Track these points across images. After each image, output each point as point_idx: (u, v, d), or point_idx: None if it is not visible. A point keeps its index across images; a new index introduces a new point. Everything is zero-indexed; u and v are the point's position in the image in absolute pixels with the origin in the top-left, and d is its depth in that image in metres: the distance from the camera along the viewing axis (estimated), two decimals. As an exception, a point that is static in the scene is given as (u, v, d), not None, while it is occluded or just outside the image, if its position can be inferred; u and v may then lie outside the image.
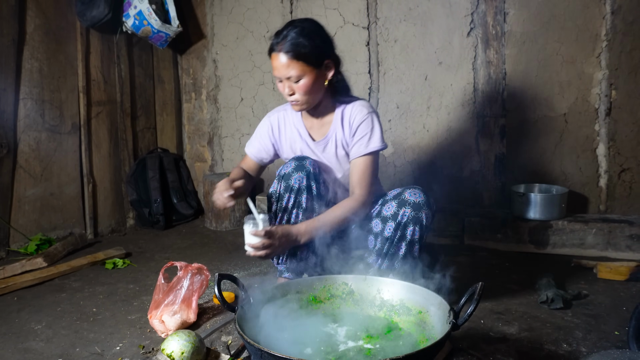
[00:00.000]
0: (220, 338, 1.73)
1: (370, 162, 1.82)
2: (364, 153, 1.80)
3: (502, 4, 2.75)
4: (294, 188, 1.80)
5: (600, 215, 2.64)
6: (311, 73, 1.73)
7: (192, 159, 3.76)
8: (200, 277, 1.85)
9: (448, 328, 1.21)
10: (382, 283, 1.55)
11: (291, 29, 1.72)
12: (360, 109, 1.83)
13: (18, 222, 2.77)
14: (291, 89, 1.74)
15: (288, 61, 1.69)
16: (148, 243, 2.99)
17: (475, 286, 1.25)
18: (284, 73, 1.71)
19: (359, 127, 1.82)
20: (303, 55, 1.70)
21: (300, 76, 1.71)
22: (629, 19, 2.53)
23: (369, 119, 1.82)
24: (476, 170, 2.92)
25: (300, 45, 1.69)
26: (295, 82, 1.73)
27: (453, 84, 2.90)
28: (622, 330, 1.73)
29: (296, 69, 1.70)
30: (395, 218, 1.76)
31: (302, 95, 1.74)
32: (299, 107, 1.80)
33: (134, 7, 3.00)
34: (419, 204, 1.74)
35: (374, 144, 1.81)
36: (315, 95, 1.78)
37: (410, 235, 1.75)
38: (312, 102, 1.79)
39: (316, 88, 1.76)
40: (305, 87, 1.73)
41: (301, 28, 1.72)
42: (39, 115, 2.83)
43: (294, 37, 1.70)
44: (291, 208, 1.82)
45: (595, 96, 2.65)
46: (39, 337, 1.80)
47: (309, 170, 1.81)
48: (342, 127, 1.86)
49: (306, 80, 1.72)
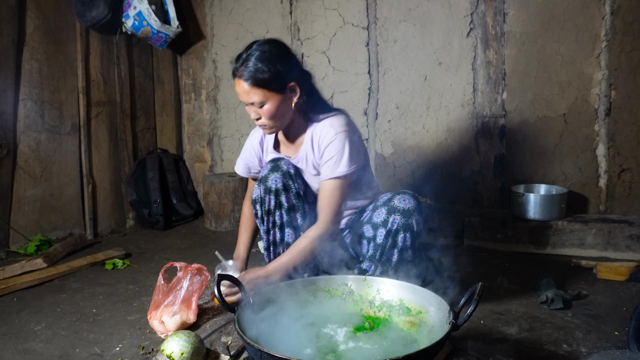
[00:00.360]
0: (220, 339, 1.73)
1: (337, 185, 1.74)
2: (330, 177, 1.74)
3: (501, 5, 2.76)
4: (272, 189, 1.80)
5: (600, 216, 2.65)
6: (274, 98, 1.68)
7: (192, 159, 3.76)
8: (200, 278, 1.85)
9: (448, 328, 1.21)
10: (381, 283, 1.55)
11: (251, 53, 1.67)
12: (329, 129, 1.74)
13: (18, 222, 2.77)
14: (257, 113, 1.70)
15: (249, 88, 1.65)
16: (148, 244, 2.99)
17: (475, 286, 1.25)
18: (246, 99, 1.68)
19: (326, 149, 1.74)
20: (263, 82, 1.65)
21: (262, 102, 1.67)
22: (628, 20, 2.53)
23: (337, 140, 1.72)
24: (476, 171, 2.92)
25: (260, 72, 1.64)
26: (259, 107, 1.69)
27: (453, 84, 2.90)
28: (622, 330, 1.73)
29: (258, 95, 1.66)
30: (385, 225, 1.75)
31: (268, 119, 1.71)
32: (268, 131, 1.77)
33: (134, 8, 3.00)
34: (408, 211, 1.72)
35: (341, 169, 1.72)
36: (282, 118, 1.73)
37: (402, 242, 1.74)
38: (280, 125, 1.75)
39: (281, 112, 1.71)
40: (269, 112, 1.69)
41: (261, 52, 1.66)
42: (38, 116, 2.83)
43: (254, 63, 1.65)
44: (274, 209, 1.84)
45: (595, 96, 2.65)
46: (39, 337, 1.80)
47: (284, 169, 1.81)
48: (312, 148, 1.81)
49: (269, 106, 1.68)
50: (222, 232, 3.23)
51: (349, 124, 1.78)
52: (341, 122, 1.76)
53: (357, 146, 1.77)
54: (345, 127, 1.75)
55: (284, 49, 1.74)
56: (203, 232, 3.25)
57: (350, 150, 1.73)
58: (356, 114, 3.13)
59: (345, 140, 1.73)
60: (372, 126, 3.11)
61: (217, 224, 3.28)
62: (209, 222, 3.32)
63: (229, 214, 3.25)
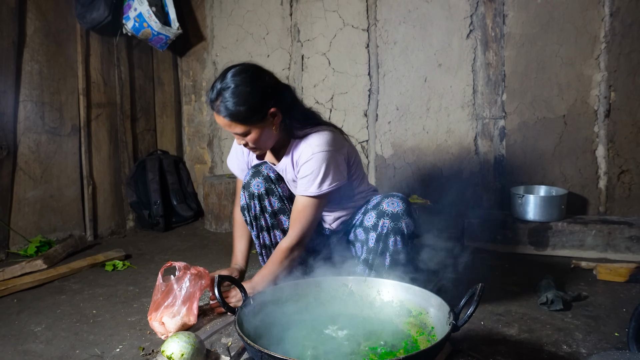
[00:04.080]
0: (220, 340, 1.73)
1: (309, 203, 1.73)
2: (303, 194, 1.74)
3: (501, 6, 2.76)
4: (255, 194, 1.83)
5: (599, 217, 2.65)
6: (255, 128, 1.67)
7: (192, 160, 3.76)
8: (200, 279, 1.85)
9: (448, 329, 1.21)
10: (382, 284, 1.56)
11: (225, 86, 1.63)
12: (307, 149, 1.71)
13: (18, 224, 2.77)
14: (242, 139, 1.70)
15: (229, 122, 1.64)
16: (148, 245, 2.99)
17: (475, 287, 1.26)
18: (229, 130, 1.68)
19: (302, 166, 1.73)
20: (241, 118, 1.64)
21: (245, 132, 1.67)
22: (627, 21, 2.54)
23: (313, 161, 1.69)
24: (476, 172, 2.92)
25: (236, 109, 1.62)
26: (244, 136, 1.69)
27: (452, 85, 2.90)
28: (622, 331, 1.73)
29: (239, 128, 1.66)
30: (375, 229, 1.76)
31: (254, 145, 1.72)
32: (257, 154, 1.81)
33: (134, 10, 3.01)
34: (397, 214, 1.72)
35: (313, 189, 1.70)
36: (267, 142, 1.74)
37: (393, 246, 1.75)
38: (268, 146, 1.78)
39: (265, 138, 1.71)
40: (254, 140, 1.69)
41: (235, 86, 1.62)
42: (38, 118, 2.83)
43: (230, 99, 1.62)
44: (259, 214, 1.87)
45: (595, 98, 2.65)
46: (39, 339, 1.80)
47: (264, 174, 1.83)
48: (292, 163, 1.80)
49: (253, 135, 1.68)
50: (222, 233, 3.23)
51: (330, 142, 1.71)
52: (322, 140, 1.70)
53: (336, 165, 1.72)
54: (325, 146, 1.69)
55: (258, 75, 1.68)
56: (203, 233, 3.25)
57: (326, 171, 1.69)
58: (356, 116, 3.13)
59: (323, 162, 1.68)
60: (372, 127, 3.11)
61: (217, 225, 3.28)
62: (209, 224, 3.32)
63: (229, 216, 3.25)
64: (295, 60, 3.27)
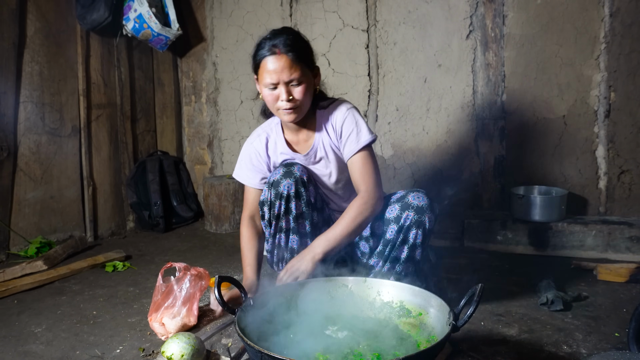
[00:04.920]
0: (220, 340, 1.73)
1: (366, 156, 1.78)
2: (357, 150, 1.76)
3: (501, 7, 2.76)
4: (284, 195, 1.77)
5: (599, 217, 2.65)
6: (308, 77, 1.70)
7: (192, 161, 3.76)
8: (200, 280, 1.85)
9: (448, 330, 1.21)
10: (381, 285, 1.55)
11: (283, 33, 1.70)
12: (339, 108, 1.81)
13: (18, 225, 2.77)
14: (290, 93, 1.68)
15: (291, 62, 1.64)
16: (148, 246, 2.99)
17: (475, 288, 1.25)
18: (286, 75, 1.65)
19: (342, 126, 1.78)
20: (304, 57, 1.68)
21: (300, 79, 1.66)
22: (627, 22, 2.54)
23: (350, 116, 1.79)
24: (476, 172, 2.92)
25: (300, 46, 1.68)
26: (296, 85, 1.67)
27: (452, 86, 2.90)
28: (622, 331, 1.73)
29: (298, 71, 1.66)
30: (397, 221, 1.74)
31: (302, 99, 1.69)
32: (295, 115, 1.73)
33: (134, 11, 3.01)
34: (422, 208, 1.72)
35: (364, 138, 1.76)
36: (309, 101, 1.74)
37: (413, 239, 1.73)
38: (306, 109, 1.75)
39: (310, 93, 1.73)
40: (304, 91, 1.68)
41: (294, 32, 1.72)
42: (39, 118, 2.83)
43: (292, 40, 1.67)
44: (283, 215, 1.82)
45: (594, 98, 2.65)
46: (39, 340, 1.80)
47: (297, 176, 1.78)
48: (327, 132, 1.82)
49: (305, 85, 1.68)
50: (222, 234, 3.23)
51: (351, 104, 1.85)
52: (345, 103, 1.84)
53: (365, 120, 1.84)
54: (350, 105, 1.83)
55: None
56: (203, 234, 3.25)
57: (363, 122, 1.80)
58: (356, 116, 3.13)
59: (358, 115, 1.80)
60: (372, 128, 3.11)
61: (217, 226, 3.28)
62: (209, 225, 3.32)
63: (229, 216, 3.25)
64: (295, 61, 3.27)
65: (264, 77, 1.69)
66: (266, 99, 1.74)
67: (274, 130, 1.90)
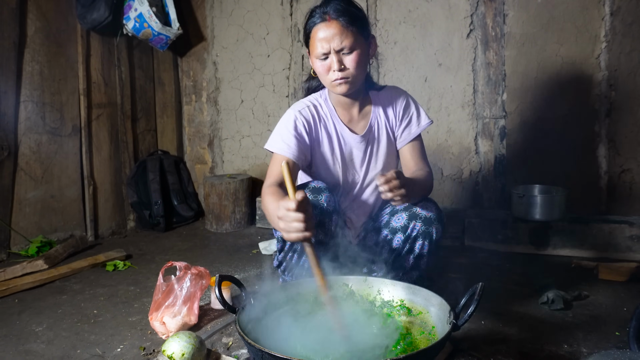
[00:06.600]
0: (221, 339, 1.74)
1: (421, 140, 1.82)
2: (417, 133, 1.78)
3: (501, 6, 2.76)
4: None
5: (600, 216, 2.64)
6: (362, 45, 1.58)
7: (193, 161, 3.76)
8: (201, 279, 1.85)
9: (448, 328, 1.21)
10: (382, 284, 1.55)
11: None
12: (397, 90, 1.81)
13: (19, 224, 2.77)
14: (342, 62, 1.56)
15: (343, 28, 1.53)
16: (148, 245, 3.00)
17: (476, 287, 1.25)
18: (337, 42, 1.53)
19: (403, 108, 1.78)
20: (357, 22, 1.56)
21: (353, 46, 1.55)
22: (627, 21, 2.54)
23: (411, 99, 1.81)
24: (476, 172, 2.92)
25: (353, 9, 1.57)
26: (348, 54, 1.56)
27: (453, 85, 2.90)
28: (622, 330, 1.73)
29: (350, 38, 1.54)
30: (405, 230, 1.70)
31: (355, 68, 1.57)
32: (348, 87, 1.60)
33: (135, 10, 3.01)
34: (430, 219, 1.67)
35: (424, 121, 1.80)
36: (363, 73, 1.62)
37: (419, 249, 1.71)
38: (360, 81, 1.63)
39: (364, 64, 1.61)
40: (358, 60, 1.56)
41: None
42: (39, 118, 2.84)
43: (345, 4, 1.56)
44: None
45: (595, 97, 2.65)
46: (40, 339, 1.80)
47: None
48: (385, 113, 1.77)
49: (359, 52, 1.56)
50: (222, 233, 3.24)
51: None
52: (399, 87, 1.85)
53: None
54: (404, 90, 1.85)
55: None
56: (204, 233, 3.25)
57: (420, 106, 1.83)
58: (356, 115, 3.13)
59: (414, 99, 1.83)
60: (373, 127, 3.11)
61: (217, 225, 3.28)
62: (210, 224, 3.32)
63: (230, 216, 3.25)
64: (295, 60, 3.27)
65: (315, 47, 1.58)
66: (318, 71, 1.62)
67: (323, 106, 1.76)
